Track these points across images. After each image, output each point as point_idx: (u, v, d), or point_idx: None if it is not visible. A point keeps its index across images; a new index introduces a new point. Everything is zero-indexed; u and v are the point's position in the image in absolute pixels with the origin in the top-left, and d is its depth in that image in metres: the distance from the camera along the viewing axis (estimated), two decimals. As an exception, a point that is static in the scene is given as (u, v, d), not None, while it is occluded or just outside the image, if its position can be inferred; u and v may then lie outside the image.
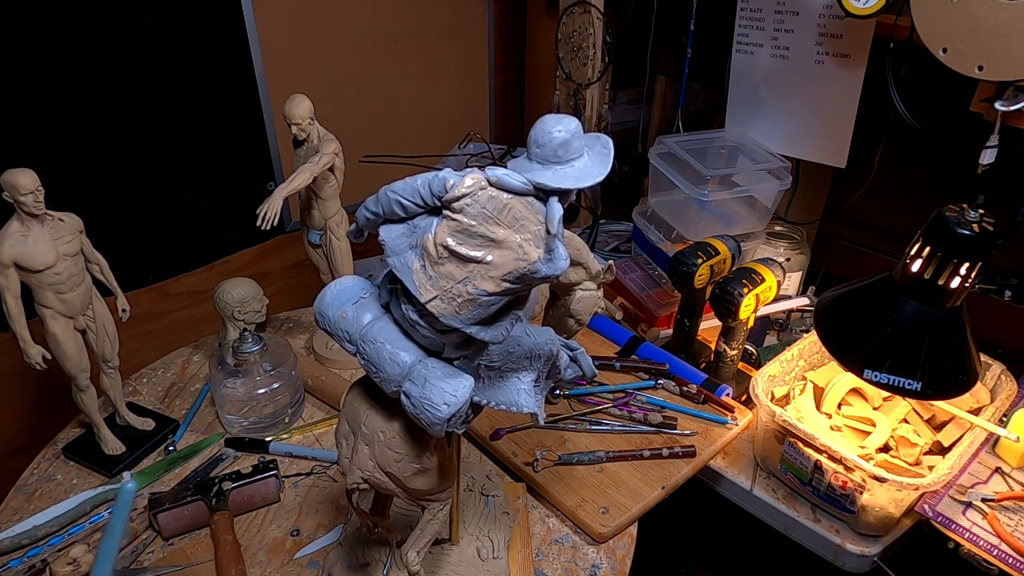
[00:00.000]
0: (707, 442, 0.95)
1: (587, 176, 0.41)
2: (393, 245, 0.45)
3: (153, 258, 1.27)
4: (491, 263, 0.40)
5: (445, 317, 0.42)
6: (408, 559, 0.61)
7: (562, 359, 0.54)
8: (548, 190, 0.41)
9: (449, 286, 0.42)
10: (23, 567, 0.78)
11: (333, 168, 1.00)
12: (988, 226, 0.75)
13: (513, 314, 0.45)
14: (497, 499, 0.82)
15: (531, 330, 0.51)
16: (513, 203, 0.41)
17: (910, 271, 0.78)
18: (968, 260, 0.75)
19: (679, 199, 1.20)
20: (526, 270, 0.40)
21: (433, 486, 0.57)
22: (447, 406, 0.45)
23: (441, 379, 0.46)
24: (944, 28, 0.87)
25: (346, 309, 0.49)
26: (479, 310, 0.42)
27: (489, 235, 0.40)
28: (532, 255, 0.40)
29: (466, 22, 1.59)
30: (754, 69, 1.23)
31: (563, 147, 0.40)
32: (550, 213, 0.40)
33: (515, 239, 0.40)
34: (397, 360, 0.47)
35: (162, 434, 0.97)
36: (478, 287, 0.41)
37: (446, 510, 0.61)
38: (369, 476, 0.55)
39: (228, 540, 0.78)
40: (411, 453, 0.54)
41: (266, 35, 1.27)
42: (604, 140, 0.42)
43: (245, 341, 0.96)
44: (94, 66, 1.08)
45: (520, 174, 0.41)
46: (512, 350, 0.50)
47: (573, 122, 0.41)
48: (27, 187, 0.75)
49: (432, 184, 0.42)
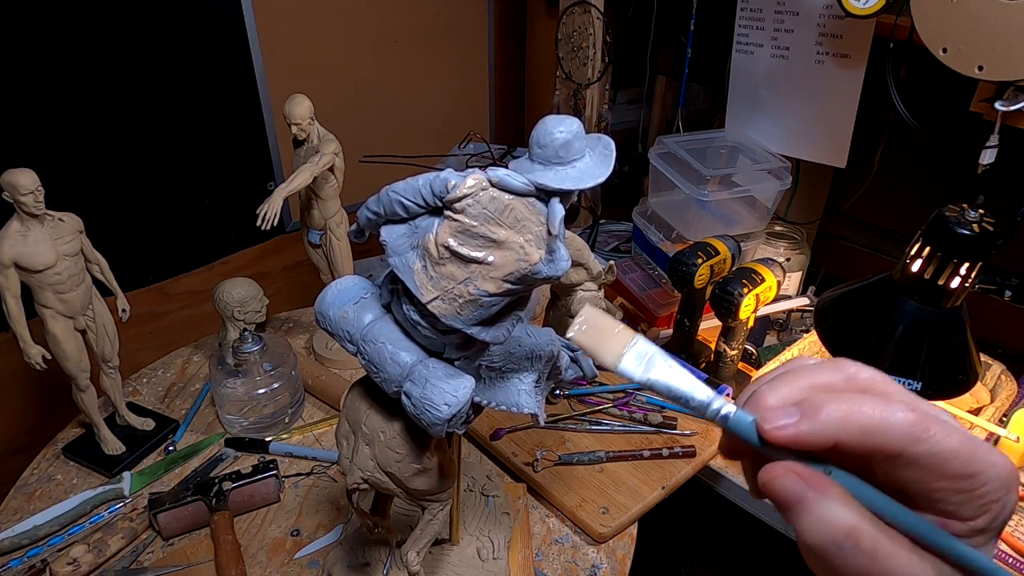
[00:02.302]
0: (707, 442, 0.95)
1: (588, 177, 0.40)
2: (395, 245, 0.45)
3: (153, 258, 1.26)
4: (492, 264, 0.40)
5: (446, 318, 0.42)
6: (408, 559, 0.61)
7: (563, 360, 0.54)
8: (549, 191, 0.40)
9: (450, 287, 0.42)
10: (23, 567, 0.78)
11: (333, 168, 1.00)
12: (988, 226, 0.75)
13: (514, 315, 0.45)
14: (498, 499, 0.82)
15: (532, 331, 0.51)
16: (515, 204, 0.40)
17: (910, 271, 0.78)
18: (968, 260, 0.75)
19: (679, 199, 1.20)
20: (527, 271, 0.40)
21: (433, 486, 0.57)
22: (448, 406, 0.45)
23: (442, 379, 0.46)
24: (944, 28, 0.87)
25: (347, 309, 0.49)
26: (480, 311, 0.42)
27: (490, 236, 0.40)
28: (533, 256, 0.40)
29: (466, 22, 1.59)
30: (754, 69, 1.23)
31: (565, 148, 0.40)
32: (551, 214, 0.40)
33: (517, 240, 0.40)
34: (398, 360, 0.47)
35: (162, 434, 0.97)
36: (479, 288, 0.41)
37: (446, 511, 0.61)
38: (369, 476, 0.55)
39: (228, 540, 0.78)
40: (411, 453, 0.54)
41: (266, 35, 1.27)
42: (606, 141, 0.42)
43: (245, 341, 0.96)
44: (94, 66, 1.08)
45: (521, 175, 0.41)
46: (513, 351, 0.50)
47: (575, 123, 0.41)
48: (27, 187, 0.75)
49: (434, 184, 0.42)
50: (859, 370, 0.31)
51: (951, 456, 0.27)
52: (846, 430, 0.28)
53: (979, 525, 0.28)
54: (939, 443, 0.27)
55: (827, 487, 0.29)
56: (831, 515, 0.28)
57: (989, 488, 0.27)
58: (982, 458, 0.27)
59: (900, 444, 0.27)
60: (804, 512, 0.29)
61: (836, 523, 0.28)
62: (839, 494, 0.29)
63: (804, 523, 0.29)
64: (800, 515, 0.29)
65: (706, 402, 0.32)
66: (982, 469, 0.27)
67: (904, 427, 0.27)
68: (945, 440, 0.27)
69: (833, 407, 0.28)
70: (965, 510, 0.28)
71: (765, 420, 0.30)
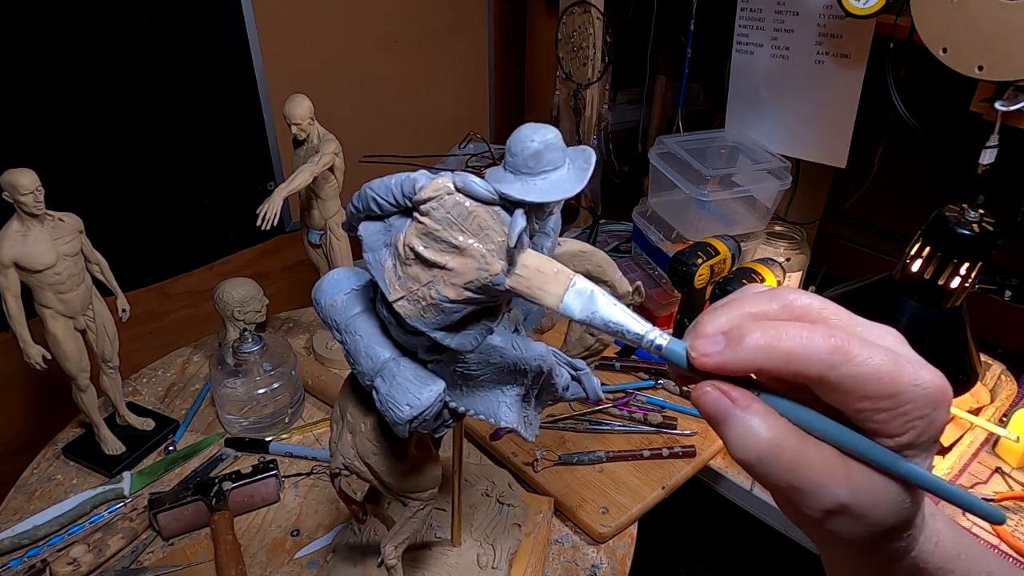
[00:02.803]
0: (707, 442, 0.95)
1: (556, 191, 0.38)
2: (370, 242, 0.44)
3: (153, 258, 1.26)
4: (453, 270, 0.39)
5: (411, 318, 0.41)
6: (384, 552, 0.62)
7: (560, 378, 0.52)
8: (512, 201, 0.39)
9: (415, 288, 0.41)
10: (23, 567, 0.78)
11: (333, 168, 1.00)
12: (988, 226, 0.75)
13: (483, 324, 0.43)
14: (513, 509, 0.80)
15: (522, 343, 0.49)
16: (479, 211, 0.39)
17: (910, 271, 0.78)
18: (968, 260, 0.75)
19: (679, 199, 1.20)
20: (487, 281, 0.39)
21: (412, 484, 0.57)
22: (409, 407, 0.45)
23: (409, 380, 0.46)
24: (944, 28, 0.87)
25: (337, 298, 0.49)
26: (442, 316, 0.41)
27: (452, 241, 0.39)
28: (494, 266, 0.39)
29: (466, 22, 1.59)
30: (754, 69, 1.23)
31: (534, 158, 0.38)
32: (512, 226, 0.38)
33: (478, 248, 0.39)
34: (371, 354, 0.47)
35: (162, 434, 0.97)
36: (440, 292, 0.40)
37: (427, 510, 0.61)
38: (349, 464, 0.55)
39: (228, 540, 0.78)
40: (387, 448, 0.54)
41: (266, 35, 1.27)
42: (587, 155, 0.40)
43: (245, 341, 0.96)
44: (94, 66, 1.08)
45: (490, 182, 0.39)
46: (493, 361, 0.48)
47: (551, 132, 0.39)
48: (27, 187, 0.75)
49: (403, 184, 0.41)
50: (797, 297, 0.32)
51: (871, 378, 0.28)
52: (767, 357, 0.29)
53: (904, 441, 0.29)
54: (858, 367, 0.28)
55: (749, 403, 0.30)
56: (752, 429, 0.30)
57: (913, 407, 0.28)
58: (905, 378, 0.28)
59: (818, 369, 0.28)
60: (728, 427, 0.30)
61: (756, 436, 0.29)
62: (760, 410, 0.30)
63: (728, 437, 0.30)
64: (724, 430, 0.31)
65: (642, 334, 0.34)
66: (903, 389, 0.28)
67: (822, 352, 0.28)
68: (866, 363, 0.28)
69: (756, 335, 0.29)
70: (890, 428, 0.29)
71: (693, 348, 0.31)
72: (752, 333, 0.29)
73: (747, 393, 0.31)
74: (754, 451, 0.29)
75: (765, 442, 0.29)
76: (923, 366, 0.29)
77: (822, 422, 0.30)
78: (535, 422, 0.54)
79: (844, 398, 0.29)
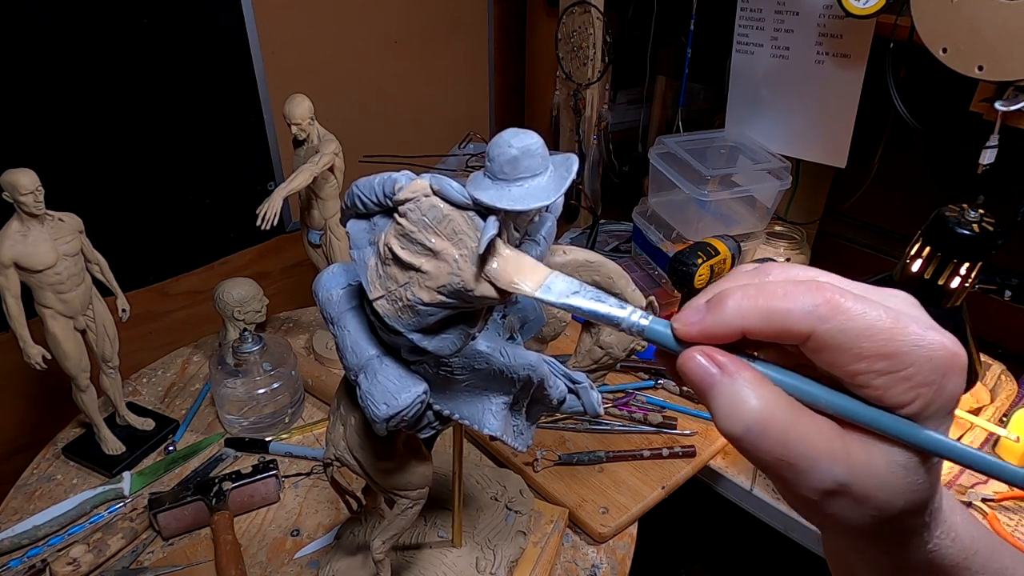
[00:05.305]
0: (707, 442, 0.95)
1: (530, 198, 0.37)
2: (356, 239, 0.44)
3: (153, 258, 1.26)
4: (428, 273, 0.39)
5: (388, 318, 0.41)
6: (373, 546, 0.61)
7: (554, 390, 0.51)
8: (485, 207, 0.38)
9: (393, 288, 0.41)
10: (23, 567, 0.78)
11: (333, 168, 1.00)
12: (988, 226, 0.75)
13: (462, 329, 0.43)
14: (520, 516, 0.79)
15: (510, 351, 0.48)
16: (454, 215, 0.39)
17: (910, 271, 0.78)
18: (968, 260, 0.75)
19: (679, 199, 1.20)
20: (460, 286, 0.38)
21: (399, 482, 0.57)
22: (386, 407, 0.45)
23: (390, 379, 0.46)
24: (944, 28, 0.87)
25: (334, 292, 0.49)
26: (417, 318, 0.41)
27: (426, 244, 0.39)
28: (466, 272, 0.38)
29: (466, 22, 1.59)
30: (754, 69, 1.24)
31: (511, 164, 0.37)
32: (483, 232, 0.37)
33: (452, 253, 0.38)
34: (357, 351, 0.47)
35: (162, 434, 0.97)
36: (415, 295, 0.40)
37: (415, 509, 0.60)
38: (340, 455, 0.55)
39: (228, 540, 0.78)
40: (372, 444, 0.54)
41: (266, 35, 1.27)
42: (570, 163, 0.39)
43: (245, 341, 0.96)
44: (94, 66, 1.08)
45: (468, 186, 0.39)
46: (479, 367, 0.48)
47: (531, 138, 0.38)
48: (27, 187, 0.75)
49: (385, 184, 0.41)
50: (784, 269, 0.30)
51: (864, 334, 0.25)
52: (750, 317, 0.27)
53: (912, 411, 0.26)
54: (850, 320, 0.25)
55: (738, 369, 0.27)
56: (739, 396, 0.27)
57: (916, 370, 0.25)
58: (908, 338, 0.25)
59: (805, 325, 0.26)
60: (714, 395, 0.28)
61: (744, 404, 0.27)
62: (751, 376, 0.27)
63: (714, 407, 0.28)
64: (710, 398, 0.28)
65: (625, 317, 0.33)
66: (905, 350, 0.25)
67: (807, 307, 0.26)
68: (858, 317, 0.25)
69: (737, 295, 0.27)
70: (892, 395, 0.26)
71: (676, 320, 0.29)
72: (734, 295, 0.28)
73: (737, 359, 0.28)
74: (741, 421, 0.27)
75: (753, 411, 0.26)
76: (932, 328, 0.26)
77: (823, 391, 0.27)
78: (527, 432, 0.53)
79: (836, 357, 0.26)
